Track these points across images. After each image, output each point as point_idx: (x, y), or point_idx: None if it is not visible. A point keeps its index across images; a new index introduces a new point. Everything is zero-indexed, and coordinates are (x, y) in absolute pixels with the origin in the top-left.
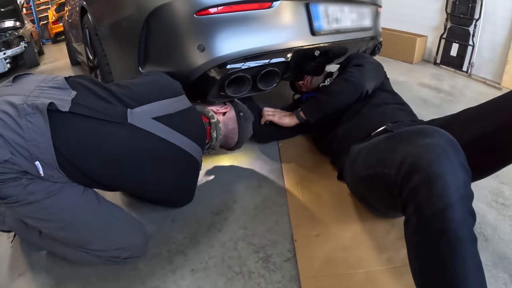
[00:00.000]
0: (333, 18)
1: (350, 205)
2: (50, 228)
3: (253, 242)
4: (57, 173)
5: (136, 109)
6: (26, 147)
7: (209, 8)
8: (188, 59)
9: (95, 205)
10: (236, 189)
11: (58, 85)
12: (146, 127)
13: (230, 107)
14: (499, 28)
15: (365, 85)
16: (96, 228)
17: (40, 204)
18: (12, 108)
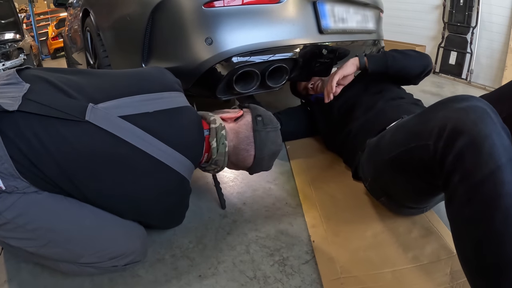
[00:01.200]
0: (339, 17)
1: (366, 204)
2: (34, 247)
3: (267, 245)
4: (21, 182)
5: (101, 104)
6: None
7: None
8: (196, 52)
9: (77, 213)
10: (244, 191)
11: (9, 80)
12: (109, 127)
13: (245, 112)
14: (496, 35)
15: (430, 63)
16: (83, 240)
17: (13, 223)
18: None
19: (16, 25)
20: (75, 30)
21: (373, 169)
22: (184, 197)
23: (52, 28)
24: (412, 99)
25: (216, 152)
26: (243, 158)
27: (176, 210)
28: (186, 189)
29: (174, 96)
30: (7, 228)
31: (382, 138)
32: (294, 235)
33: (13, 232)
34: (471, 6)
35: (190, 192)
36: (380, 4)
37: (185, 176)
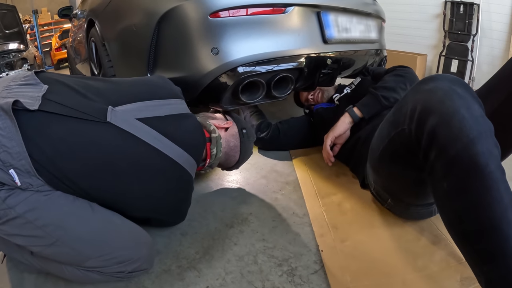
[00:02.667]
0: (342, 27)
1: (374, 212)
2: (40, 246)
3: (275, 255)
4: (36, 180)
5: (119, 107)
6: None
7: (225, 10)
8: (202, 62)
9: (88, 214)
10: (251, 202)
11: (27, 81)
12: (128, 128)
13: (232, 122)
14: (497, 42)
15: (417, 80)
16: (92, 242)
17: (23, 218)
18: None
19: (20, 35)
20: (79, 41)
21: (372, 170)
22: (190, 194)
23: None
24: None
25: (215, 157)
26: (229, 162)
27: (182, 205)
28: (192, 186)
29: (179, 103)
30: (16, 223)
31: (373, 137)
32: (302, 244)
33: (21, 229)
34: (471, 14)
35: (193, 190)
36: (382, 14)
37: (190, 173)
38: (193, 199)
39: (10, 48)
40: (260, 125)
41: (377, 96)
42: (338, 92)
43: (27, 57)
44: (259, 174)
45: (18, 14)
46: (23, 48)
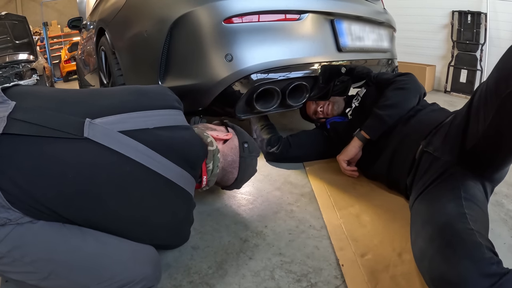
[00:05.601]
0: (356, 36)
1: (395, 225)
2: (35, 280)
3: (293, 270)
4: (14, 213)
5: (99, 119)
6: None
7: (239, 16)
8: (215, 69)
9: (78, 241)
10: (265, 214)
11: None
12: (110, 143)
13: (233, 134)
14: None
15: (421, 87)
16: (87, 270)
17: (10, 257)
18: None
19: (30, 46)
20: (88, 52)
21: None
22: (190, 212)
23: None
24: (432, 105)
25: (210, 174)
26: (226, 179)
27: (183, 226)
28: (191, 204)
29: (173, 114)
30: (4, 262)
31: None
32: (321, 258)
33: (11, 266)
34: (478, 23)
35: (195, 207)
36: (393, 23)
37: (189, 191)
38: (204, 212)
39: (19, 59)
40: (270, 139)
41: (382, 116)
42: (348, 105)
43: (37, 67)
44: (272, 185)
45: (28, 25)
46: (32, 58)
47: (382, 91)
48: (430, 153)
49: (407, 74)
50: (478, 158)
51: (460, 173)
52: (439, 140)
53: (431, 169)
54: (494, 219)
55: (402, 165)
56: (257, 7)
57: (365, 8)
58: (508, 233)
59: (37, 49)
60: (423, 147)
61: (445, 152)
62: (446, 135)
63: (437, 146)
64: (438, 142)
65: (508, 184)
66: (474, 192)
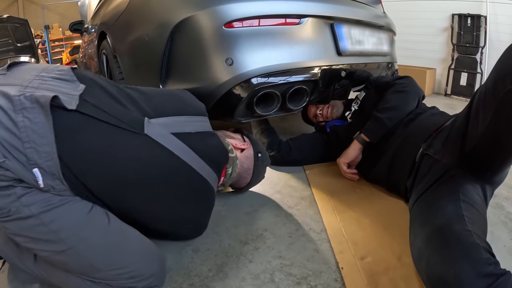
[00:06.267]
0: (355, 39)
1: (395, 228)
2: (48, 251)
3: (293, 273)
4: (60, 184)
5: (154, 120)
6: (23, 150)
7: (239, 20)
8: (216, 73)
9: (105, 226)
10: (266, 217)
11: (63, 76)
12: (164, 142)
13: (249, 144)
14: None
15: (420, 90)
16: (106, 253)
17: (36, 219)
18: (5, 100)
19: (32, 49)
20: (90, 55)
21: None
22: (211, 208)
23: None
24: (431, 109)
25: (228, 177)
26: (240, 183)
27: (203, 219)
28: (213, 201)
29: (203, 121)
30: (27, 223)
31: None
32: (321, 261)
33: (31, 231)
34: (478, 26)
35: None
36: (393, 27)
37: (214, 189)
38: None
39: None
40: (270, 143)
41: (382, 119)
42: (348, 109)
43: None
44: (273, 189)
45: (30, 28)
46: (34, 61)
47: (382, 94)
48: (431, 155)
49: (406, 77)
50: (478, 160)
51: (460, 176)
52: (440, 143)
53: (431, 172)
54: (494, 221)
55: (403, 168)
56: (257, 11)
57: (365, 12)
58: (508, 235)
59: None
60: (423, 150)
61: (445, 154)
62: (446, 138)
63: (437, 149)
64: (439, 145)
65: (508, 186)
66: (472, 195)
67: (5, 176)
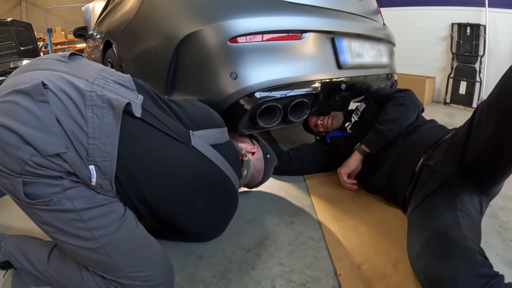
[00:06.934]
0: (355, 53)
1: (391, 236)
2: (76, 246)
3: (293, 279)
4: (108, 185)
5: (195, 132)
6: (86, 145)
7: (243, 36)
8: (220, 86)
9: (134, 228)
10: (267, 225)
11: (124, 82)
12: (206, 152)
13: (258, 147)
14: (504, 62)
15: (420, 103)
16: (130, 255)
17: (76, 214)
18: (75, 92)
19: (35, 52)
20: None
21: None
22: (234, 211)
23: None
24: (431, 122)
25: (244, 178)
26: (252, 182)
27: (227, 221)
28: (237, 204)
29: (226, 132)
30: (64, 217)
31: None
32: (320, 268)
33: (67, 224)
34: (478, 35)
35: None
36: (392, 38)
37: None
38: None
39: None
40: None
41: (382, 131)
42: (348, 120)
43: None
44: (274, 198)
45: (33, 31)
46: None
47: (382, 106)
48: (431, 166)
49: (406, 91)
50: (477, 171)
51: (458, 186)
52: (440, 154)
53: (431, 181)
54: (488, 230)
55: (402, 177)
56: (261, 27)
57: (365, 25)
58: (501, 244)
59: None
60: (424, 161)
61: (446, 165)
62: (447, 150)
63: (438, 159)
64: (439, 156)
65: (504, 196)
66: (468, 206)
67: (60, 166)
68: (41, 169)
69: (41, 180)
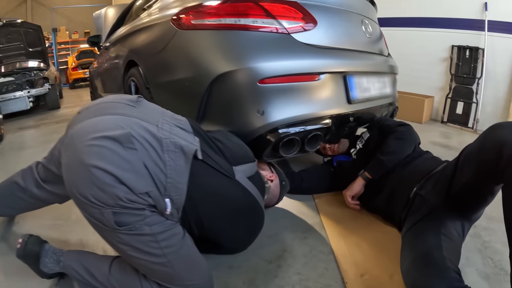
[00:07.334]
0: (363, 87)
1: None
2: (146, 261)
3: (309, 286)
4: (176, 213)
5: (236, 167)
6: (164, 183)
7: (272, 78)
8: (249, 121)
9: (191, 245)
10: (284, 240)
11: (183, 125)
12: (245, 184)
13: (275, 175)
14: (500, 84)
15: (417, 138)
16: (188, 267)
17: (153, 237)
18: (153, 139)
19: (43, 54)
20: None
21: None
22: (261, 229)
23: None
24: (426, 153)
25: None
26: (268, 204)
27: (254, 238)
28: (263, 224)
29: (256, 165)
30: (141, 238)
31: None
32: (330, 277)
33: (144, 245)
34: (476, 58)
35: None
36: (395, 69)
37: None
38: None
39: (30, 66)
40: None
41: (383, 161)
42: (353, 146)
43: (49, 76)
44: (288, 215)
45: (42, 34)
46: (43, 66)
47: (384, 136)
48: (422, 195)
49: (406, 125)
50: (460, 202)
51: (443, 213)
52: (430, 185)
53: (422, 208)
54: (470, 248)
55: (399, 202)
56: (285, 70)
57: (373, 62)
58: (481, 261)
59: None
60: (417, 190)
61: (434, 195)
62: (436, 182)
63: (428, 190)
64: (430, 187)
65: (487, 218)
66: (451, 231)
67: (145, 201)
68: (131, 203)
69: (128, 211)
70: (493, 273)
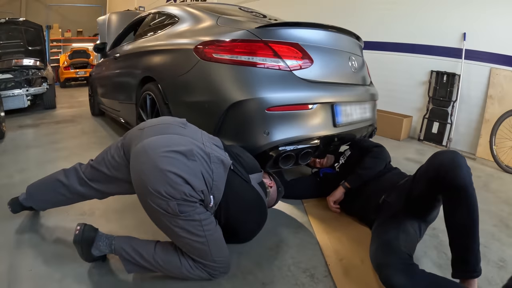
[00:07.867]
0: (347, 113)
1: (361, 243)
2: (191, 239)
3: (301, 266)
4: (213, 206)
5: (251, 175)
6: (211, 185)
7: (277, 106)
8: (256, 139)
9: (220, 231)
10: (280, 234)
11: (217, 143)
12: (257, 189)
13: (274, 182)
14: (473, 108)
15: (388, 157)
16: (219, 246)
17: (200, 222)
18: (204, 153)
19: (41, 54)
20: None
21: (408, 203)
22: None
23: (66, 57)
24: (394, 169)
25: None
26: (267, 206)
27: (260, 230)
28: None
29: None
30: (192, 223)
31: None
32: (317, 261)
33: (192, 227)
34: (452, 83)
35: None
36: (376, 96)
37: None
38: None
39: (27, 64)
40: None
41: (361, 175)
42: (337, 160)
43: (47, 76)
44: (282, 215)
45: (43, 33)
46: (40, 65)
47: (362, 154)
48: (389, 202)
49: (380, 147)
50: (416, 206)
51: (404, 215)
52: (395, 194)
53: (388, 211)
54: (428, 245)
55: (371, 207)
56: (288, 100)
57: (357, 92)
58: (437, 255)
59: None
60: (385, 197)
61: (398, 202)
62: (400, 192)
63: (393, 198)
64: (395, 195)
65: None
66: (408, 228)
67: (200, 196)
68: (191, 197)
69: (187, 203)
70: (445, 264)
